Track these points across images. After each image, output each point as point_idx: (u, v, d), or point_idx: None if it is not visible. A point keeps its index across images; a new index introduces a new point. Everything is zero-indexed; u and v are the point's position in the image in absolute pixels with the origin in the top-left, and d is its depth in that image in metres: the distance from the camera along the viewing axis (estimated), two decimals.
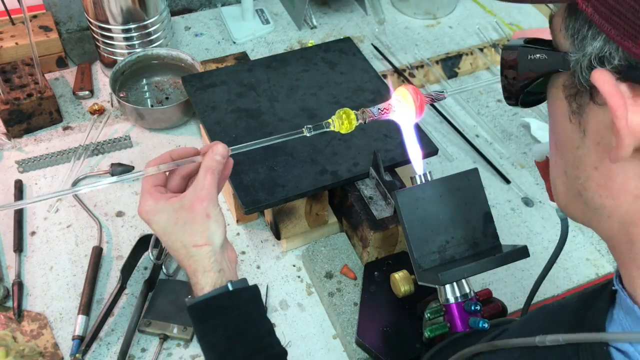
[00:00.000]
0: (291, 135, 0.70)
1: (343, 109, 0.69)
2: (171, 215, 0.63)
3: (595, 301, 0.48)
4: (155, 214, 0.64)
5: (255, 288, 0.66)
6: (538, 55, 0.46)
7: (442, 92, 0.74)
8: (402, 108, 0.70)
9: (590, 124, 0.41)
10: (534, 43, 0.47)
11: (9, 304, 0.87)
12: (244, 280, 0.66)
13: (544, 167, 0.65)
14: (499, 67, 0.52)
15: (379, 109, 0.71)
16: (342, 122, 0.69)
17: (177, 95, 1.17)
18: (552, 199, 0.64)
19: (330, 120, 0.70)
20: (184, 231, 0.63)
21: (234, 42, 1.33)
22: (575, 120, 0.42)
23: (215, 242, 0.64)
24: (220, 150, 0.65)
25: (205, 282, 0.63)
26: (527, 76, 0.47)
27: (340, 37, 1.32)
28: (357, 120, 0.69)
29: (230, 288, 0.63)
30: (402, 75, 1.24)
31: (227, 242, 0.68)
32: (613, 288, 0.47)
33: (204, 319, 0.63)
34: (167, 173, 0.68)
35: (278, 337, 0.66)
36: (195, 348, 0.85)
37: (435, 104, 1.20)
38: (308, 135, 0.70)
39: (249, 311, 0.65)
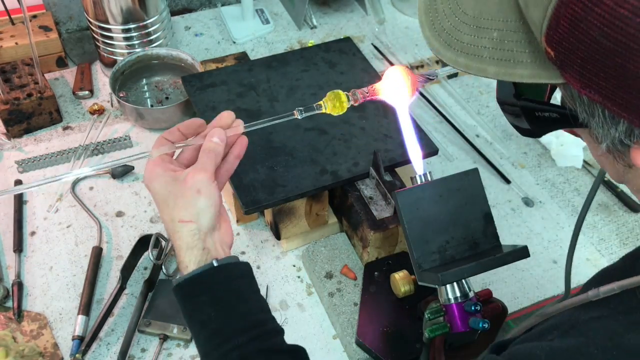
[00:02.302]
0: (282, 118, 0.69)
1: (333, 91, 0.69)
2: (166, 186, 0.62)
3: None
4: (152, 180, 0.63)
5: (245, 264, 0.64)
6: (547, 115, 0.47)
7: (434, 71, 0.74)
8: (393, 88, 0.69)
9: (637, 160, 0.42)
10: (531, 100, 0.47)
11: (9, 304, 0.87)
12: (234, 257, 0.63)
13: None
14: None
15: (367, 90, 0.70)
16: (334, 104, 0.69)
17: (177, 95, 1.17)
18: None
19: (321, 103, 0.69)
20: (174, 205, 0.62)
21: (234, 42, 1.33)
22: (619, 158, 0.44)
23: (202, 220, 0.61)
24: (216, 133, 0.64)
25: (189, 260, 0.61)
26: (539, 126, 0.48)
27: (340, 37, 1.32)
28: (348, 101, 0.68)
29: (216, 264, 0.61)
30: None
31: (223, 223, 0.65)
32: None
33: (191, 297, 0.61)
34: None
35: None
36: (195, 348, 0.85)
37: (435, 103, 1.20)
38: (299, 117, 0.69)
39: (239, 287, 0.62)
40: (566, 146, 1.11)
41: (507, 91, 0.50)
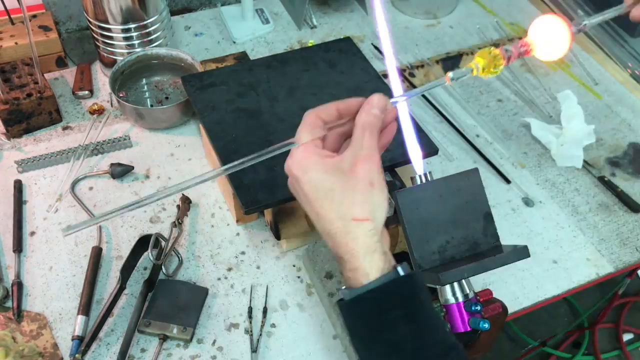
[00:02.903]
0: (432, 87, 0.57)
1: (485, 49, 0.59)
2: (329, 177, 0.53)
3: None
4: (308, 170, 0.53)
5: (417, 272, 0.56)
6: None
7: (584, 20, 0.67)
8: (549, 40, 0.60)
9: None
10: None
11: (9, 304, 0.87)
12: (405, 263, 0.55)
13: None
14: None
15: (520, 46, 0.60)
16: (487, 65, 0.59)
17: (177, 95, 1.17)
18: None
19: (472, 65, 0.60)
20: (341, 199, 0.52)
21: (234, 42, 1.33)
22: None
23: (378, 217, 0.53)
24: (376, 101, 0.55)
25: (370, 266, 0.52)
26: None
27: (340, 36, 1.32)
28: (502, 60, 0.58)
29: (402, 272, 0.52)
30: (402, 75, 1.24)
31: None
32: None
33: (380, 312, 0.51)
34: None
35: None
36: (195, 348, 0.85)
37: (435, 103, 1.20)
38: (451, 84, 0.59)
39: (425, 300, 0.53)
40: (566, 146, 1.10)
41: None
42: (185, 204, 0.99)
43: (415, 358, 0.50)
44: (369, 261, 0.52)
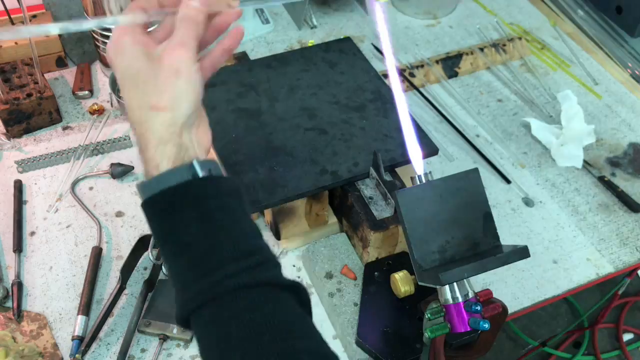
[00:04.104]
0: None
1: None
2: (136, 62, 0.50)
3: None
4: (118, 53, 0.51)
5: (234, 180, 0.53)
6: None
7: None
8: None
9: None
10: None
11: (9, 304, 0.87)
12: (216, 163, 0.52)
13: None
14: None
15: None
16: None
17: None
18: None
19: None
20: (144, 86, 0.50)
21: None
22: None
23: (180, 108, 0.50)
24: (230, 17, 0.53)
25: (162, 157, 0.50)
26: None
27: (340, 37, 1.32)
28: None
29: (198, 167, 0.49)
30: (402, 75, 1.24)
31: (202, 122, 0.55)
32: None
33: (171, 210, 0.49)
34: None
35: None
36: (195, 348, 0.84)
37: (435, 103, 1.20)
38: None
39: (231, 204, 0.51)
40: (566, 146, 1.11)
41: None
42: None
43: (206, 259, 0.48)
44: (160, 152, 0.50)
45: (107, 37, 1.15)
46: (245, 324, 0.47)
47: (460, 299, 0.69)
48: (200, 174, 0.50)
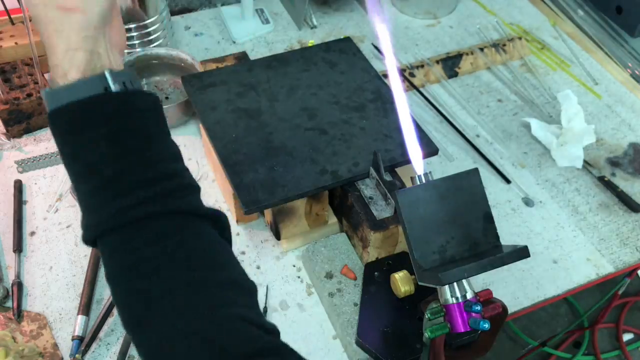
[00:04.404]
0: None
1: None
2: None
3: None
4: None
5: (151, 95, 0.49)
6: None
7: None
8: None
9: None
10: None
11: (9, 304, 0.87)
12: (131, 74, 0.48)
13: None
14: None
15: None
16: None
17: (177, 95, 1.17)
18: None
19: None
20: None
21: (234, 42, 1.33)
22: None
23: (91, 8, 0.45)
24: None
25: (70, 65, 0.45)
26: None
27: (340, 36, 1.32)
28: None
29: (111, 79, 0.45)
30: (403, 75, 1.24)
31: (115, 17, 0.49)
32: None
33: (78, 127, 0.44)
34: None
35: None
36: None
37: (435, 103, 1.20)
38: None
39: (146, 123, 0.47)
40: (566, 146, 1.11)
41: None
42: None
43: (114, 182, 0.44)
44: (69, 59, 0.44)
45: None
46: (154, 254, 0.44)
47: (460, 299, 0.69)
48: (113, 87, 0.45)
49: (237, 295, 0.47)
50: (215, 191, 1.03)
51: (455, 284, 0.69)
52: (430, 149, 0.94)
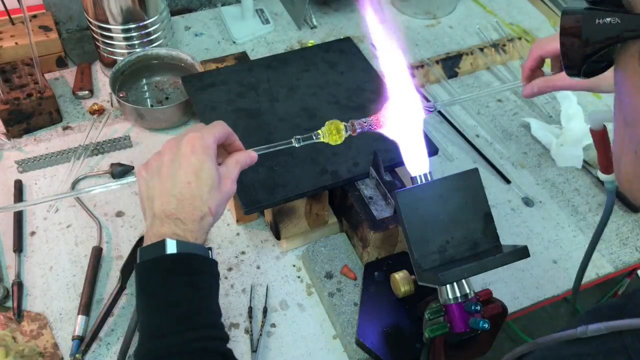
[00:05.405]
0: (279, 146, 0.74)
1: (332, 121, 0.72)
2: (212, 173, 0.64)
3: (635, 293, 0.48)
4: (207, 157, 0.64)
5: (216, 263, 0.66)
6: (609, 20, 0.39)
7: (433, 104, 0.76)
8: (393, 121, 0.71)
9: None
10: (601, 4, 0.39)
11: (9, 304, 0.87)
12: (212, 251, 0.66)
13: (600, 136, 0.63)
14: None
15: (368, 122, 0.73)
16: (331, 133, 0.72)
17: (177, 95, 1.17)
18: (603, 171, 0.61)
19: (320, 132, 0.73)
20: (210, 192, 0.64)
21: (234, 42, 1.33)
22: None
23: (217, 217, 0.66)
24: (253, 157, 0.72)
25: (193, 236, 0.62)
26: (593, 43, 0.40)
27: (340, 37, 1.32)
28: (346, 131, 0.72)
29: (202, 250, 0.63)
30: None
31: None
32: None
33: (170, 273, 0.60)
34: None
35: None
36: None
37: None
38: (297, 146, 0.73)
39: (214, 283, 0.64)
40: (566, 146, 1.11)
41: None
42: None
43: (189, 318, 0.59)
44: (194, 233, 0.62)
45: (107, 37, 1.15)
46: None
47: (460, 299, 0.69)
48: (206, 254, 0.64)
49: None
50: None
51: (455, 284, 0.69)
52: (430, 149, 0.94)
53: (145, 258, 0.61)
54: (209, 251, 0.65)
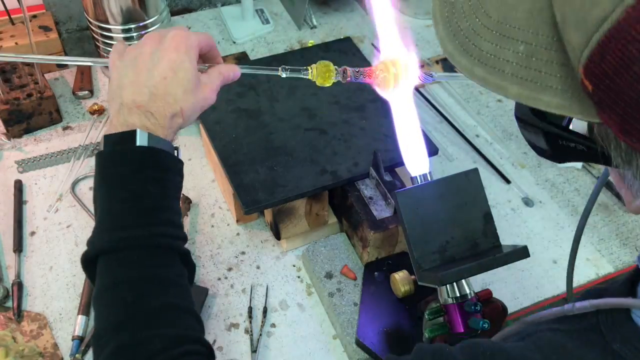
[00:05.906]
0: (265, 70, 0.74)
1: (325, 62, 0.70)
2: (191, 70, 0.63)
3: (620, 276, 0.50)
4: (188, 55, 0.63)
5: (181, 161, 0.65)
6: (573, 145, 0.41)
7: (433, 74, 0.75)
8: (385, 77, 0.70)
9: None
10: (556, 125, 0.41)
11: (9, 304, 0.87)
12: (179, 150, 0.65)
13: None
14: None
15: (360, 71, 0.70)
16: (322, 73, 0.70)
17: None
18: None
19: (309, 68, 0.71)
20: (185, 93, 0.62)
21: (234, 42, 1.33)
22: None
23: (187, 122, 0.64)
24: (236, 73, 0.71)
25: (165, 131, 0.61)
26: (562, 154, 0.43)
27: (340, 37, 1.32)
28: (336, 75, 0.70)
29: (172, 148, 0.62)
30: None
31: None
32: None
33: (139, 166, 0.59)
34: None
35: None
36: None
37: (435, 103, 1.20)
38: (283, 75, 0.71)
39: (178, 183, 0.63)
40: None
41: (526, 108, 0.44)
42: (185, 204, 0.99)
43: (151, 214, 0.58)
44: (165, 128, 0.61)
45: (107, 37, 1.15)
46: (155, 270, 0.57)
47: (459, 299, 0.69)
48: (173, 152, 0.63)
49: (193, 322, 0.59)
50: (215, 191, 1.03)
51: (455, 283, 0.69)
52: (430, 149, 0.94)
53: (112, 148, 0.60)
54: (176, 150, 0.64)
